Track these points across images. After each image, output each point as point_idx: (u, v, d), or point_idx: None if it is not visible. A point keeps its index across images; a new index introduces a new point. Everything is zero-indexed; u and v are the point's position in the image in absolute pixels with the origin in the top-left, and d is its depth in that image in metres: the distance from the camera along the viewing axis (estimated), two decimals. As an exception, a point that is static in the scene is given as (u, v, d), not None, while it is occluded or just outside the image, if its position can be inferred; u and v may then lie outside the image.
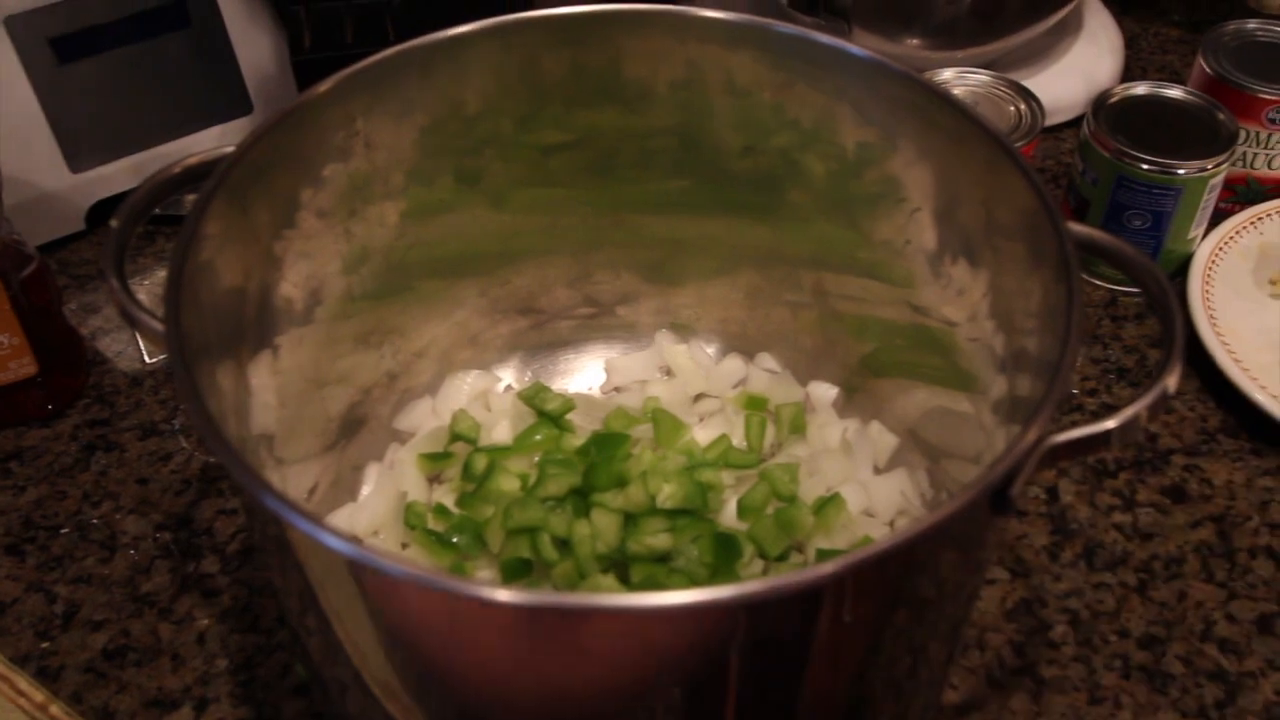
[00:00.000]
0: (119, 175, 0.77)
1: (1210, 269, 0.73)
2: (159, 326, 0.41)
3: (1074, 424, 0.40)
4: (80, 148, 0.76)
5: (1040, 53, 0.87)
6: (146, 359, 0.71)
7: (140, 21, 0.74)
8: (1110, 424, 0.40)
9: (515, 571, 0.53)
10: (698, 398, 0.64)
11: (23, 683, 0.55)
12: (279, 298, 0.51)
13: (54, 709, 0.54)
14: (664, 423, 0.59)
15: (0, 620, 0.58)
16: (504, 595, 0.34)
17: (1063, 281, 0.42)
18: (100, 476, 0.65)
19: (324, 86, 0.50)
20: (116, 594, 0.59)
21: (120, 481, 0.64)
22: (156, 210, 0.77)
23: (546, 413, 0.60)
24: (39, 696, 0.55)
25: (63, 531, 0.62)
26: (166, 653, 0.57)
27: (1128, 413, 0.41)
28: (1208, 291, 0.71)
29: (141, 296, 0.74)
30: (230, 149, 0.47)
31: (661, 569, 0.52)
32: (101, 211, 0.78)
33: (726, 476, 0.57)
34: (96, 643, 0.57)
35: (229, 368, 0.46)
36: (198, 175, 0.47)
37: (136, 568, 0.60)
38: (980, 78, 0.76)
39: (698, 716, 0.40)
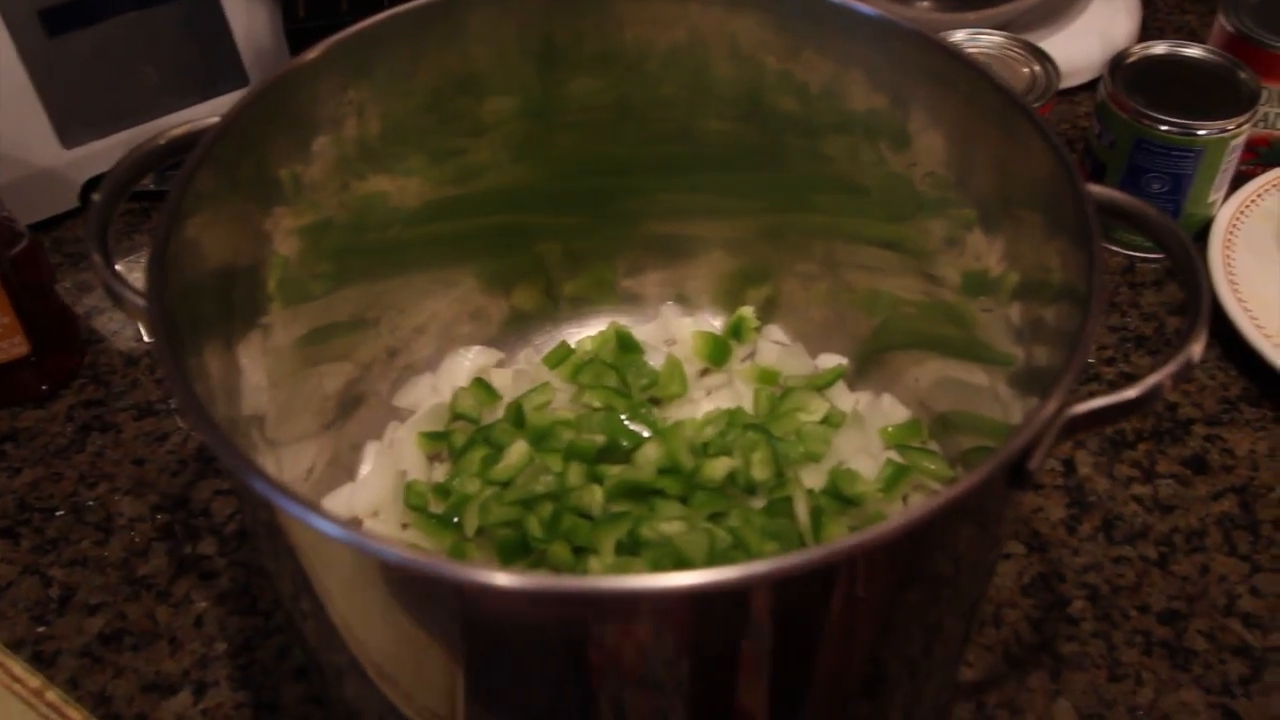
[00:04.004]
0: (113, 151, 0.76)
1: (1231, 233, 0.71)
2: (142, 304, 0.40)
3: (1092, 394, 0.39)
4: (72, 123, 0.74)
5: (1055, 13, 0.85)
6: (144, 337, 0.70)
7: (132, -9, 0.73)
8: (1132, 393, 0.39)
9: (512, 551, 0.52)
10: (704, 372, 0.62)
11: (18, 668, 0.54)
12: (269, 274, 0.50)
13: (50, 695, 0.54)
14: (674, 372, 0.59)
15: (-4, 605, 0.57)
16: (502, 580, 0.33)
17: (1083, 246, 0.40)
18: (96, 457, 0.64)
19: (313, 54, 0.48)
20: (113, 577, 0.58)
21: (116, 462, 0.63)
22: (151, 186, 0.77)
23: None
24: (34, 682, 0.54)
25: (58, 514, 0.61)
26: (164, 636, 0.56)
27: (1150, 381, 0.39)
28: (1229, 256, 0.69)
29: (136, 276, 0.73)
30: (215, 120, 0.45)
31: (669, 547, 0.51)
32: (97, 188, 0.77)
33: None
34: (93, 626, 0.56)
35: (217, 347, 0.45)
36: (183, 147, 0.45)
37: (133, 550, 0.59)
38: (993, 39, 0.74)
39: (708, 695, 0.38)
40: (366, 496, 0.56)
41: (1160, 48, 0.73)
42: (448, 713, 0.41)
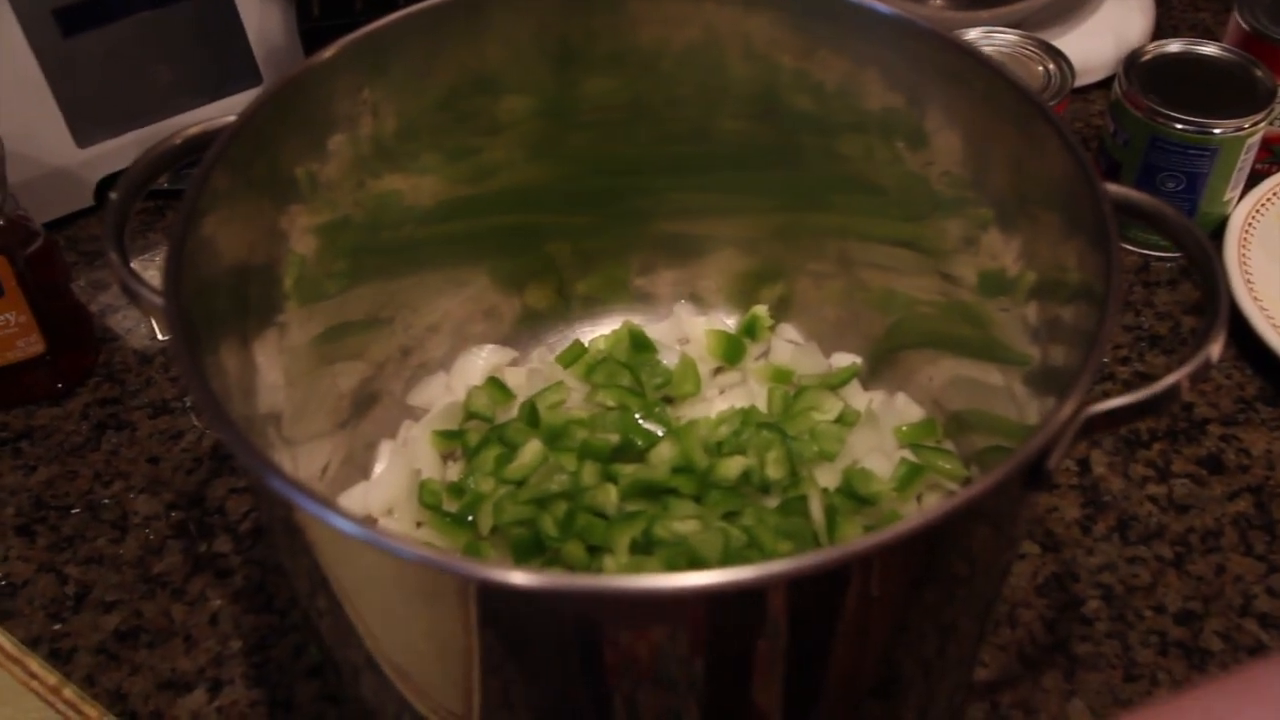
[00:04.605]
0: (127, 150, 0.76)
1: (1247, 232, 0.70)
2: (159, 302, 0.40)
3: (1106, 395, 0.39)
4: (87, 122, 0.74)
5: (1069, 11, 0.85)
6: (158, 335, 0.70)
7: (146, -9, 0.73)
8: (1150, 393, 0.39)
9: (526, 550, 0.52)
10: (718, 370, 0.62)
11: (35, 665, 0.55)
12: (285, 273, 0.50)
13: (67, 692, 0.54)
14: (688, 371, 0.59)
15: (12, 602, 0.57)
16: (516, 579, 0.33)
17: (1100, 246, 0.40)
18: (111, 455, 0.64)
19: (328, 54, 0.48)
20: (129, 574, 0.58)
21: (131, 460, 0.63)
22: (166, 185, 0.77)
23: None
24: (51, 679, 0.54)
25: (74, 511, 0.61)
26: (179, 634, 0.56)
27: (1168, 381, 0.39)
28: (1244, 255, 0.69)
29: (151, 274, 0.73)
30: (231, 119, 0.45)
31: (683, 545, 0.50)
32: (111, 187, 0.77)
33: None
34: (109, 624, 0.57)
35: (233, 346, 0.45)
36: (199, 146, 0.45)
37: (149, 548, 0.60)
38: (1008, 37, 0.74)
39: (722, 695, 0.38)
40: (381, 495, 0.56)
41: (1175, 46, 0.73)
42: (463, 710, 0.41)
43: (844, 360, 0.61)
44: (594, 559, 0.51)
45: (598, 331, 0.64)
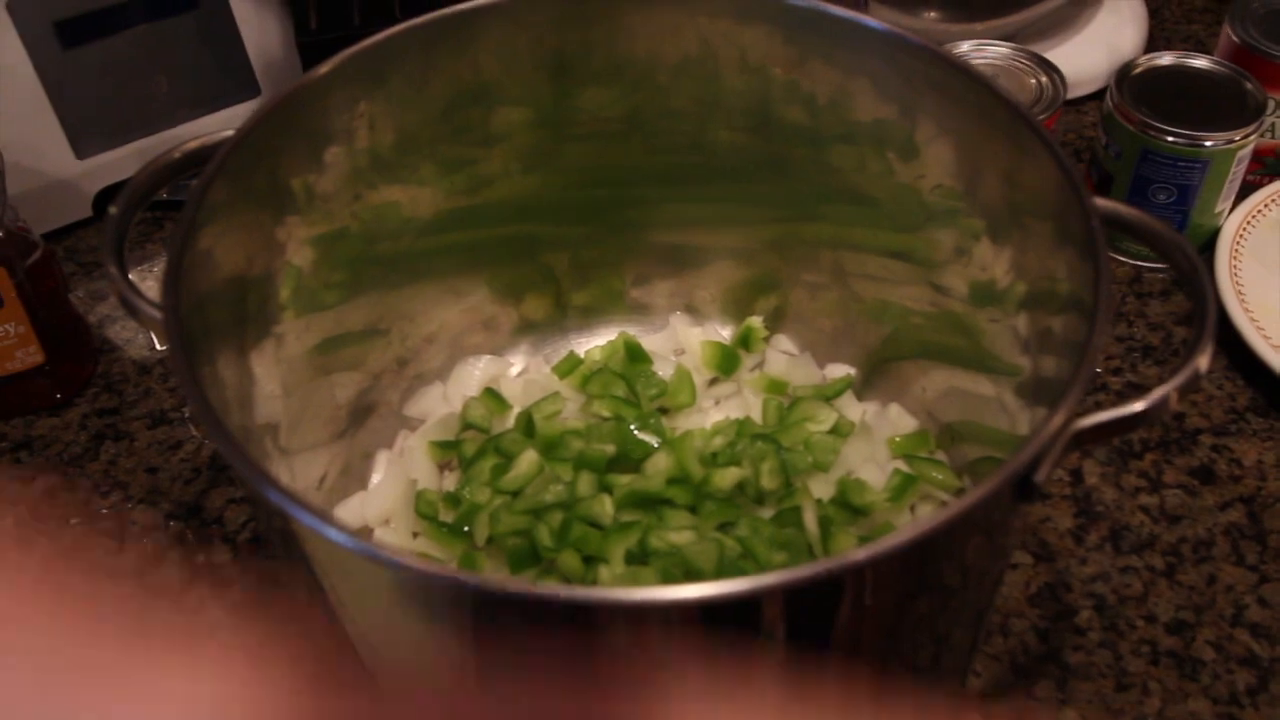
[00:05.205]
0: (126, 161, 0.76)
1: (1238, 243, 0.71)
2: (158, 316, 0.40)
3: (1099, 405, 0.39)
4: (86, 134, 0.75)
5: (1061, 23, 0.85)
6: (156, 345, 0.71)
7: (145, 4, 0.73)
8: (1139, 406, 0.39)
9: (522, 560, 0.52)
10: (713, 381, 0.62)
11: (33, 676, 0.55)
12: (282, 284, 0.50)
13: (64, 702, 0.54)
14: (683, 382, 0.59)
15: (10, 612, 0.58)
16: (512, 588, 0.33)
17: (1089, 259, 0.41)
18: (110, 466, 0.64)
19: (325, 68, 0.49)
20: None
21: (130, 471, 0.64)
22: (164, 196, 0.77)
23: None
24: (49, 689, 0.54)
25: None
26: (177, 644, 0.56)
27: (1157, 394, 0.39)
28: (1235, 267, 0.70)
29: (149, 284, 0.74)
30: (230, 133, 0.46)
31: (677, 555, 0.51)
32: (109, 198, 0.77)
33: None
34: (107, 634, 0.57)
35: (231, 356, 0.45)
36: (198, 160, 0.46)
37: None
38: (1000, 50, 0.74)
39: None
40: (378, 505, 0.56)
41: (1166, 58, 0.73)
42: (458, 720, 0.41)
43: (838, 371, 0.62)
44: (589, 569, 0.51)
45: (594, 342, 0.64)
